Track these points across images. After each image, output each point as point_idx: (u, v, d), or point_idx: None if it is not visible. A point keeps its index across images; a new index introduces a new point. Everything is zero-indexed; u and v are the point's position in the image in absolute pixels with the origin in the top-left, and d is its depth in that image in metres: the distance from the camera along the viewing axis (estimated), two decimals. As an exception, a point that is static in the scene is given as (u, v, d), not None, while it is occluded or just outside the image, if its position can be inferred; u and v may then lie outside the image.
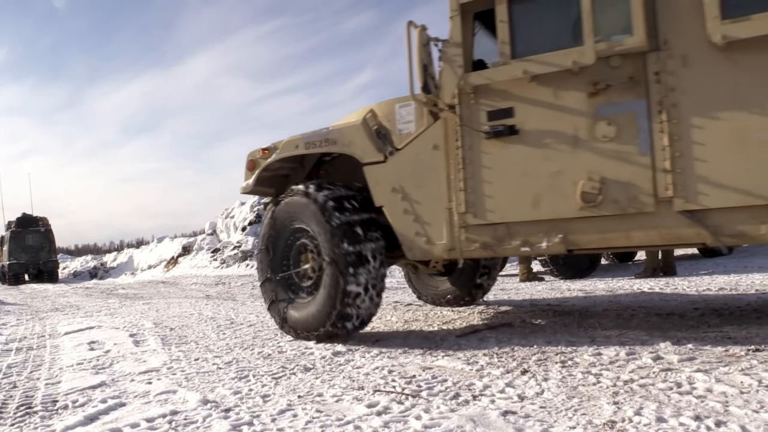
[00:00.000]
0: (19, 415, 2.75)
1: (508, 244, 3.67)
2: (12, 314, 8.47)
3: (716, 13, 3.00)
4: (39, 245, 23.87)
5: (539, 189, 3.52)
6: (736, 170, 3.03)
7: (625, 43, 3.24)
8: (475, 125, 3.70)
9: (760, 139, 2.96)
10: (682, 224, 3.20)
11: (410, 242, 4.01)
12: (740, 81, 3.02)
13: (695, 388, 2.47)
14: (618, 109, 3.31)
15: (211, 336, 4.82)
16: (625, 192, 3.28)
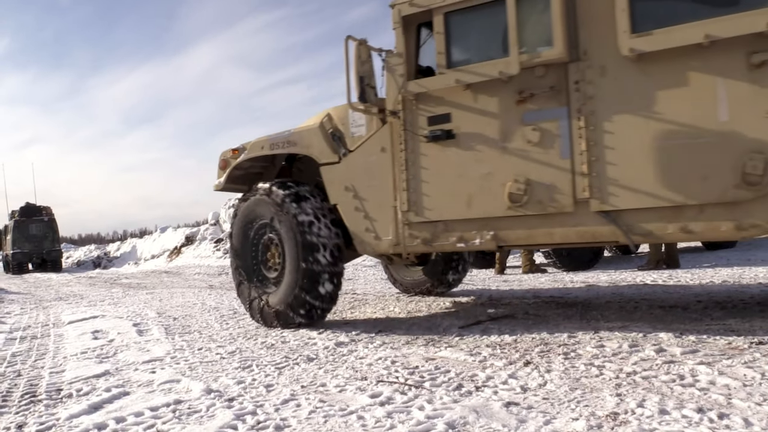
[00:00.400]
0: (24, 404, 2.77)
1: (446, 240, 3.95)
2: (16, 303, 8.51)
3: (626, 27, 3.23)
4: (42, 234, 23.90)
5: (472, 189, 3.79)
6: (646, 174, 3.28)
7: (545, 54, 3.49)
8: (417, 130, 3.98)
9: (666, 145, 3.22)
10: (598, 223, 3.46)
11: (360, 237, 4.31)
12: (650, 90, 3.27)
13: (698, 380, 2.47)
14: (542, 115, 3.56)
15: (215, 326, 4.83)
16: (548, 193, 3.54)
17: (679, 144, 3.21)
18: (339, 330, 4.23)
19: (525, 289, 6.19)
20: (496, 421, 2.10)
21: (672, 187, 3.23)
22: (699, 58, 3.14)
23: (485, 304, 5.14)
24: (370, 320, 4.63)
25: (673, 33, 3.15)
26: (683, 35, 3.12)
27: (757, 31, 2.93)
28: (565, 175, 3.49)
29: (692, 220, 3.25)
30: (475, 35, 3.84)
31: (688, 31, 3.11)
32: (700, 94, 3.17)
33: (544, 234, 3.65)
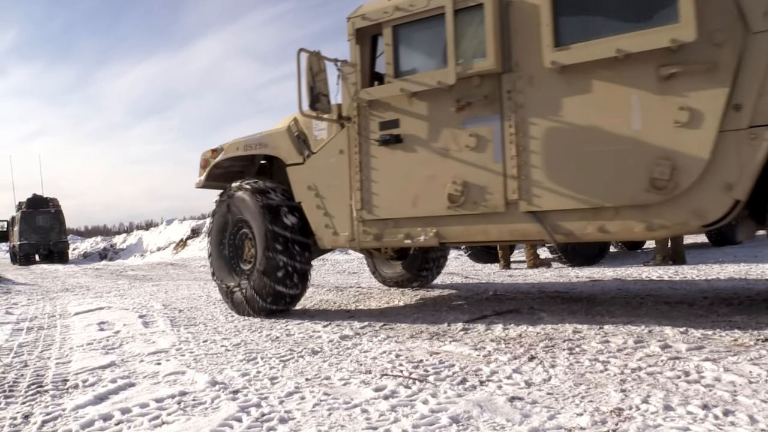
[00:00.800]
0: (30, 394, 2.78)
1: (394, 237, 4.27)
2: (23, 294, 8.55)
3: (549, 42, 3.49)
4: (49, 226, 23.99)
5: (417, 190, 4.09)
6: (568, 177, 3.55)
7: (478, 65, 3.76)
8: (369, 134, 4.30)
9: (586, 151, 3.48)
10: (527, 223, 3.73)
11: (321, 233, 4.64)
12: (572, 100, 3.52)
13: (703, 377, 2.46)
14: (478, 122, 3.84)
15: (220, 318, 4.84)
16: (482, 194, 3.83)
17: (598, 150, 3.46)
18: (344, 323, 4.24)
19: (530, 284, 6.18)
20: (500, 416, 2.10)
21: (591, 190, 3.48)
22: (615, 71, 3.39)
23: (490, 299, 5.13)
24: (375, 314, 4.63)
25: (588, 47, 3.40)
26: (597, 50, 3.37)
27: (663, 47, 3.18)
28: (498, 177, 3.77)
29: (609, 221, 3.49)
30: (419, 47, 4.14)
31: (602, 45, 3.35)
32: (616, 103, 3.40)
33: (480, 232, 3.93)
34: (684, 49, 3.19)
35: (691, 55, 3.20)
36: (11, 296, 8.24)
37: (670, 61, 3.24)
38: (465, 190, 3.88)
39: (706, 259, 7.92)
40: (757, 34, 3.09)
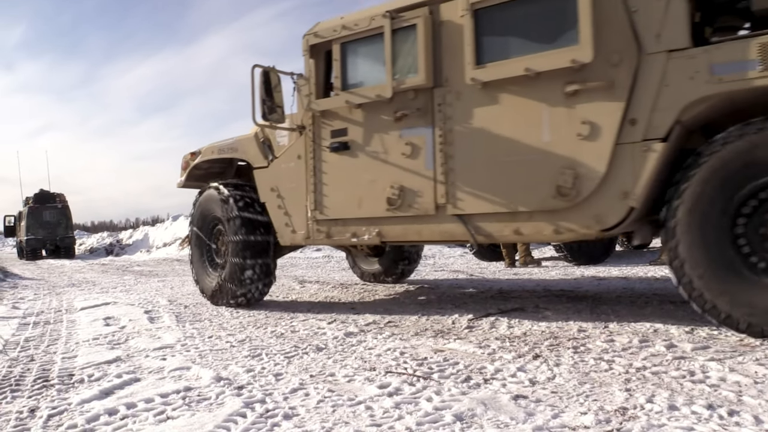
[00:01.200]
0: (36, 388, 2.80)
1: (342, 235, 4.64)
2: (29, 289, 8.59)
3: (471, 60, 3.83)
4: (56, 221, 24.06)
5: (362, 193, 4.45)
6: (488, 184, 3.88)
7: (410, 80, 4.11)
8: (321, 141, 4.69)
9: (503, 160, 3.81)
10: (453, 225, 4.06)
11: (281, 231, 5.03)
12: (492, 113, 3.86)
13: (708, 376, 2.45)
14: (413, 132, 4.19)
15: (225, 314, 4.86)
16: (415, 198, 4.18)
17: (513, 159, 3.79)
18: (348, 320, 4.25)
19: (535, 282, 6.17)
20: (504, 414, 2.10)
21: (507, 196, 3.81)
22: (528, 87, 3.71)
23: (495, 297, 5.13)
24: (379, 311, 4.64)
25: (502, 66, 3.74)
26: (509, 68, 3.71)
27: (565, 66, 3.49)
28: (429, 183, 4.11)
29: (523, 224, 3.81)
30: (363, 63, 4.50)
31: (514, 64, 3.69)
32: (529, 117, 3.72)
33: (415, 232, 4.28)
34: (585, 68, 3.48)
35: (591, 74, 3.49)
36: (18, 291, 8.28)
37: (574, 79, 3.53)
38: (401, 193, 4.24)
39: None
40: (650, 55, 3.36)
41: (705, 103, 3.24)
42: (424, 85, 4.07)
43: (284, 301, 5.59)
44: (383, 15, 4.22)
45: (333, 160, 4.62)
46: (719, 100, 3.23)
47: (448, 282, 6.64)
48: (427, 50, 4.05)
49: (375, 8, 4.37)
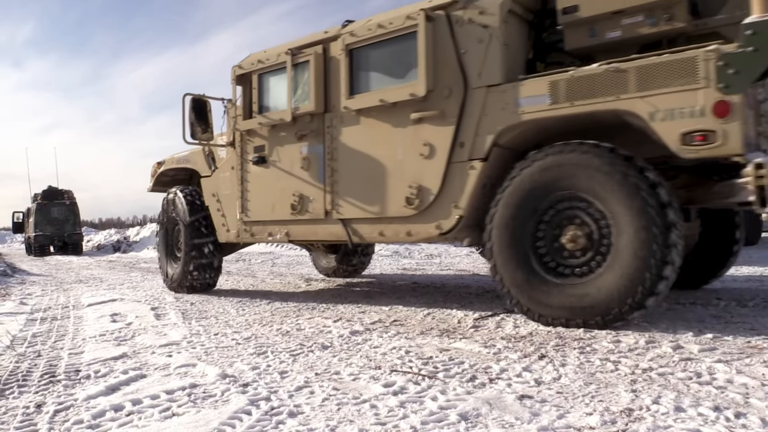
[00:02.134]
0: (43, 384, 2.81)
1: (262, 235, 5.56)
2: (37, 285, 8.64)
3: (345, 91, 4.70)
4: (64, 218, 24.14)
5: (274, 200, 5.35)
6: (360, 194, 4.71)
7: (303, 107, 5.01)
8: (246, 156, 5.63)
9: (370, 174, 4.62)
10: (338, 227, 4.90)
11: (219, 230, 6.04)
12: (364, 135, 4.68)
13: (715, 378, 2.44)
14: (311, 150, 5.07)
15: (231, 311, 4.87)
16: (311, 204, 5.06)
17: (377, 174, 4.59)
18: (354, 319, 4.25)
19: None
20: (509, 414, 2.10)
21: (373, 205, 4.62)
22: (387, 114, 4.51)
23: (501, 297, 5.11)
24: (385, 310, 4.64)
25: (365, 97, 4.59)
26: (369, 99, 4.56)
27: (406, 98, 4.29)
28: (320, 192, 4.99)
29: (386, 227, 4.59)
30: (273, 91, 5.41)
31: (372, 96, 4.54)
32: (388, 139, 4.51)
33: (312, 232, 5.17)
34: (425, 99, 4.24)
35: (429, 104, 4.26)
36: (26, 287, 8.32)
37: (417, 108, 4.31)
38: (301, 200, 5.13)
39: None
40: (474, 89, 4.08)
41: (515, 130, 3.96)
42: (315, 111, 4.93)
43: (290, 298, 5.60)
44: (286, 52, 5.12)
45: (255, 172, 5.55)
46: (524, 127, 3.93)
47: (454, 281, 6.64)
48: (317, 82, 4.93)
49: (283, 45, 5.26)
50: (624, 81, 3.47)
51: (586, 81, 3.59)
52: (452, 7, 4.23)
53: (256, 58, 5.47)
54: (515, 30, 4.17)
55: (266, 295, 6.01)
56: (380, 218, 4.60)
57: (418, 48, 4.24)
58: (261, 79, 5.47)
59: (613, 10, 3.81)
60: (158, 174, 6.94)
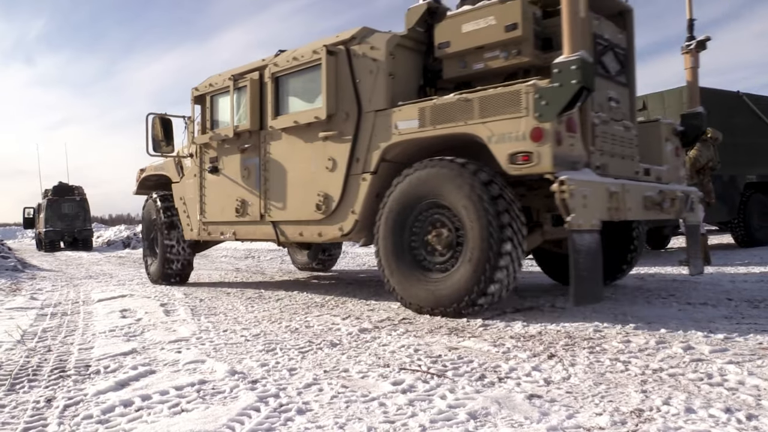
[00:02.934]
0: (53, 378, 2.83)
1: (216, 234, 6.47)
2: (47, 280, 8.69)
3: (271, 112, 5.59)
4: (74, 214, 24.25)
5: (224, 204, 6.23)
6: (284, 201, 5.52)
7: (241, 125, 5.88)
8: (204, 165, 6.51)
9: (291, 184, 5.45)
10: (269, 228, 5.75)
11: (185, 229, 6.93)
12: (288, 150, 5.49)
13: (726, 380, 2.42)
14: (249, 162, 5.92)
15: (240, 308, 4.88)
16: (250, 209, 5.92)
17: (296, 184, 5.40)
18: (363, 316, 4.25)
19: (551, 281, 6.13)
20: (518, 413, 2.09)
21: (294, 210, 5.44)
22: (303, 133, 5.32)
23: (510, 296, 5.10)
24: (394, 307, 4.63)
25: (284, 118, 5.44)
26: (287, 120, 5.41)
27: (312, 121, 5.12)
28: (257, 198, 5.82)
29: (304, 228, 5.40)
30: (221, 111, 6.31)
31: (289, 118, 5.39)
32: (304, 155, 5.32)
33: (252, 232, 6.02)
34: (329, 121, 5.02)
35: (333, 125, 5.04)
36: (36, 282, 8.38)
37: (324, 129, 5.08)
38: (243, 205, 5.99)
39: (732, 261, 7.80)
40: (366, 113, 4.79)
41: (397, 148, 4.63)
42: (252, 128, 5.77)
43: (299, 296, 5.60)
44: (230, 78, 6.01)
45: (210, 179, 6.44)
46: (403, 145, 4.59)
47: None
48: (253, 104, 5.75)
49: (229, 71, 6.13)
50: (470, 109, 4.09)
51: (444, 108, 4.25)
52: (351, 42, 4.97)
53: (209, 81, 6.39)
54: (404, 61, 4.90)
55: (275, 292, 6.02)
56: (299, 221, 5.42)
57: (321, 78, 5.03)
58: (212, 100, 6.39)
59: (476, 45, 4.51)
60: (141, 179, 7.90)
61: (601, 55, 4.48)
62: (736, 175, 9.79)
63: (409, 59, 4.95)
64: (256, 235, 5.98)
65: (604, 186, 3.99)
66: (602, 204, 3.93)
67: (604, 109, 4.43)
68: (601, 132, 4.33)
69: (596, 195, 3.88)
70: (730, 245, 10.64)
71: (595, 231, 3.83)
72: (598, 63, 4.34)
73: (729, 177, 9.70)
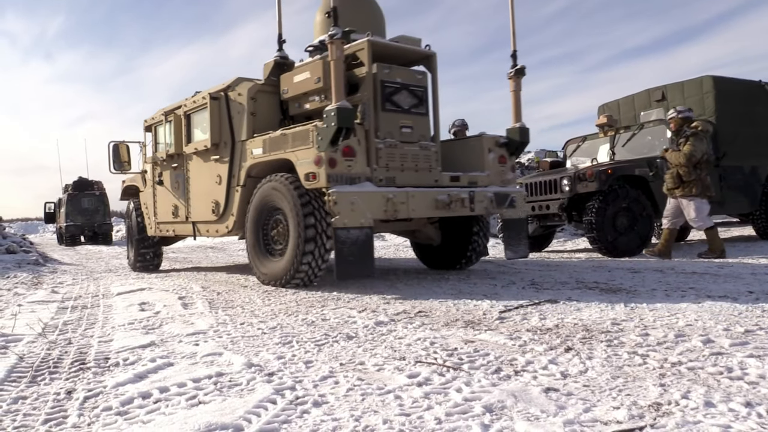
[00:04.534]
0: (74, 370, 2.86)
1: (165, 230, 8.21)
2: (68, 274, 8.80)
3: (185, 140, 7.35)
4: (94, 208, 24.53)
5: (167, 208, 7.98)
6: (197, 206, 7.28)
7: (169, 149, 7.65)
8: (155, 179, 8.27)
9: (199, 193, 7.23)
10: (191, 227, 7.49)
11: (148, 228, 8.69)
12: (197, 169, 7.24)
13: (747, 373, 2.39)
14: (179, 177, 7.68)
15: (257, 301, 4.90)
16: (180, 212, 7.64)
17: (201, 194, 7.18)
18: (379, 309, 4.25)
19: (568, 274, 6.09)
20: (534, 407, 2.08)
21: (201, 213, 7.19)
22: (203, 156, 7.10)
23: (527, 288, 5.08)
24: (410, 301, 4.63)
25: (192, 145, 7.26)
26: (192, 146, 7.21)
27: (203, 148, 6.92)
28: (183, 204, 7.59)
29: (209, 227, 7.12)
30: (161, 137, 8.08)
31: (193, 145, 7.17)
32: (204, 172, 7.09)
33: (183, 230, 7.77)
34: (216, 148, 6.79)
35: (218, 151, 6.80)
36: (57, 276, 8.49)
37: (213, 153, 6.88)
38: (176, 209, 7.78)
39: (752, 253, 7.69)
40: (237, 142, 6.50)
41: (255, 168, 6.26)
42: (176, 152, 7.55)
43: (315, 289, 5.62)
44: (162, 114, 7.88)
45: (159, 189, 8.27)
46: (259, 166, 6.20)
47: (480, 272, 6.60)
48: (177, 133, 7.49)
49: (164, 108, 7.98)
50: (287, 141, 5.66)
51: (274, 140, 5.86)
52: (228, 89, 6.71)
53: (153, 115, 8.30)
54: (264, 103, 6.52)
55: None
56: (204, 221, 7.20)
57: (207, 117, 6.80)
58: (155, 129, 8.26)
59: (302, 92, 6.13)
60: (123, 188, 9.60)
61: (392, 95, 5.79)
62: (758, 165, 9.64)
63: (269, 101, 6.54)
64: (186, 232, 7.73)
65: (380, 194, 5.32)
66: (376, 207, 5.25)
67: (395, 136, 5.79)
68: (387, 153, 5.74)
69: (367, 201, 5.21)
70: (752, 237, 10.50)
71: (365, 227, 5.14)
72: (387, 102, 5.75)
73: (750, 168, 9.56)
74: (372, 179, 5.50)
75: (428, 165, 6.00)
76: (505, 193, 6.24)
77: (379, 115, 5.70)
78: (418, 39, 6.29)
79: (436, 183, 6.00)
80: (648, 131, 9.07)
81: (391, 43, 6.05)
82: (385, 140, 5.70)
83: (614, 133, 9.49)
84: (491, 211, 6.15)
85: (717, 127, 9.16)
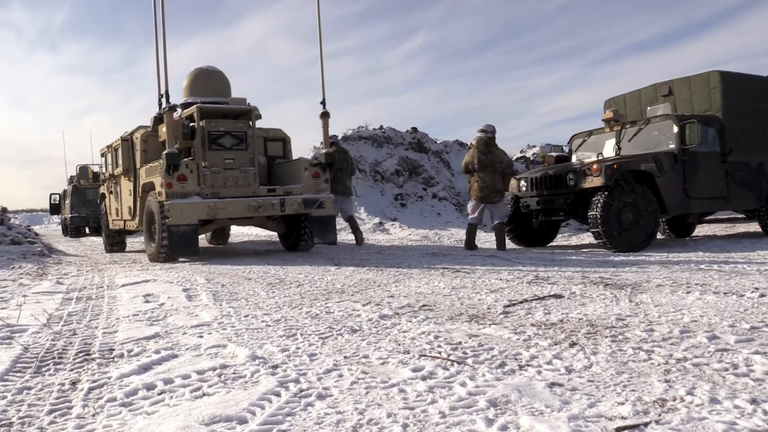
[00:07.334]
0: (78, 361, 2.87)
1: (117, 225, 11.27)
2: (73, 265, 8.83)
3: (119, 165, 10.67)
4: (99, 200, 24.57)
5: (114, 210, 11.36)
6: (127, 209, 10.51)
7: (116, 169, 10.87)
8: (108, 189, 11.78)
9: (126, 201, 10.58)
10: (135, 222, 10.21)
11: (110, 222, 11.78)
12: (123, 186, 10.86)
13: (753, 370, 2.38)
14: (116, 189, 11.12)
15: (261, 294, 4.91)
16: (129, 214, 10.33)
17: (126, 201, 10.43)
18: (383, 303, 4.25)
19: (573, 268, 6.08)
20: (538, 401, 2.07)
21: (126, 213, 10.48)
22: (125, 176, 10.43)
23: (532, 283, 5.07)
24: (414, 294, 4.63)
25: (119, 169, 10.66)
26: (119, 170, 10.64)
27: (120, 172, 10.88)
28: (119, 208, 10.87)
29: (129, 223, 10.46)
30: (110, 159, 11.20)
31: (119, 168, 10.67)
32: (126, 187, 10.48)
33: (132, 226, 10.29)
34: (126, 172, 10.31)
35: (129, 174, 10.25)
36: (62, 267, 8.52)
37: (126, 176, 10.33)
38: (118, 211, 10.95)
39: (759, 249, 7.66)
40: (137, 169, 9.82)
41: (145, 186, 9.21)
42: (113, 173, 11.01)
43: (319, 282, 5.62)
44: (106, 147, 11.46)
45: (111, 197, 11.51)
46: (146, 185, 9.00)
47: (484, 267, 6.59)
48: (124, 157, 10.22)
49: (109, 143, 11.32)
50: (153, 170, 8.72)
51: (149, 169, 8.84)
52: (134, 134, 9.89)
53: (107, 144, 11.38)
54: (153, 143, 9.47)
55: (296, 278, 6.04)
56: (128, 219, 10.32)
57: (119, 152, 10.36)
58: (106, 155, 11.62)
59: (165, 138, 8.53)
60: (100, 194, 12.76)
61: (217, 139, 8.84)
62: (765, 161, 9.59)
63: (154, 141, 9.45)
64: (135, 227, 10.17)
65: (204, 203, 8.40)
66: (200, 212, 8.38)
67: (219, 165, 8.81)
68: (212, 177, 8.73)
69: (193, 208, 8.32)
70: (758, 233, 10.46)
71: (191, 225, 8.33)
72: (213, 143, 8.80)
73: (757, 164, 9.51)
74: (201, 194, 8.50)
75: (247, 182, 8.92)
76: (314, 198, 9.02)
77: (207, 153, 8.75)
78: (243, 99, 9.46)
79: (254, 194, 8.84)
80: (654, 126, 9.03)
81: (217, 105, 9.05)
82: (211, 168, 8.70)
83: (620, 128, 9.45)
84: (301, 211, 8.99)
85: (724, 122, 9.11)
